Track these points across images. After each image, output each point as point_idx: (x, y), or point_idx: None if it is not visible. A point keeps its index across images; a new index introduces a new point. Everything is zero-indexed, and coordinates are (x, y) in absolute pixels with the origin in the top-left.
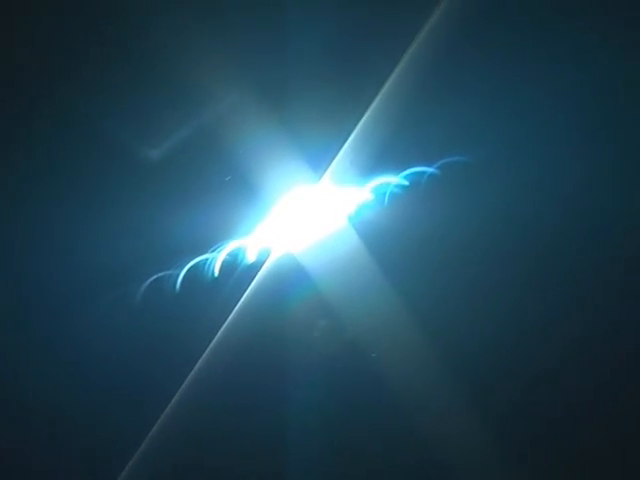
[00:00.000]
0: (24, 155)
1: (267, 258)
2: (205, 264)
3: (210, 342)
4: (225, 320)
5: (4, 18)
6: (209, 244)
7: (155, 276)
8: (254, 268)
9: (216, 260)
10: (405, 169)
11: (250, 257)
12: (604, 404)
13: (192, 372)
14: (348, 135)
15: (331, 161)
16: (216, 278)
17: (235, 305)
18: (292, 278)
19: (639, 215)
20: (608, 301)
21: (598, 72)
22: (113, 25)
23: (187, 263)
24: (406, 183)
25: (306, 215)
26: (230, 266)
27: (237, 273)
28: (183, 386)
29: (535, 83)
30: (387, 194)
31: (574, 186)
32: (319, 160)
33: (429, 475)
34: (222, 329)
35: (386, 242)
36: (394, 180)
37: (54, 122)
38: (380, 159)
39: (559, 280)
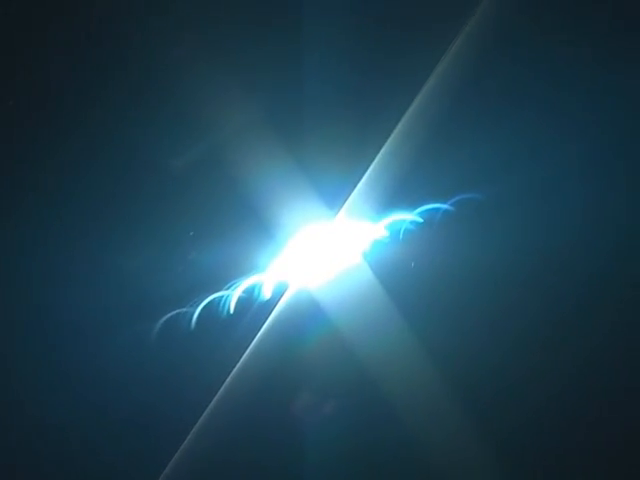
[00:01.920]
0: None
1: (282, 295)
2: (221, 301)
3: (226, 379)
4: (241, 357)
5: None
6: (225, 281)
7: (171, 313)
8: (270, 305)
9: (232, 297)
10: (419, 206)
11: (266, 294)
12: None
13: (208, 409)
14: (364, 172)
15: (347, 198)
16: (232, 315)
17: (251, 342)
18: (307, 315)
19: None
20: (617, 334)
21: (611, 112)
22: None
23: (203, 300)
24: (420, 220)
25: (321, 251)
26: (246, 303)
27: (253, 310)
28: (198, 423)
29: (547, 122)
30: (402, 231)
31: (586, 223)
32: (335, 196)
33: None
34: (238, 366)
35: (400, 278)
36: (408, 217)
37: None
38: (395, 196)
39: (572, 318)
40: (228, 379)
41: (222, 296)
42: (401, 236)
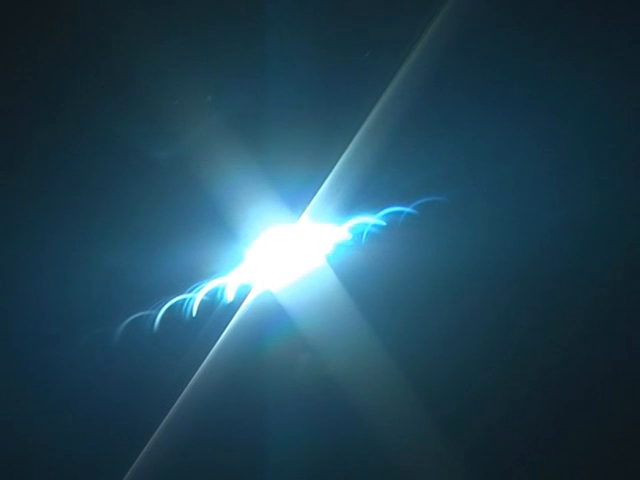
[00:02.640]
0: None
1: (245, 297)
2: (183, 304)
3: (189, 382)
4: (204, 359)
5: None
6: (187, 284)
7: (133, 316)
8: (232, 307)
9: (194, 300)
10: (382, 209)
11: (228, 296)
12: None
13: (170, 412)
14: (327, 174)
15: (310, 200)
16: (194, 318)
17: (214, 344)
18: (270, 317)
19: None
20: (587, 336)
21: (577, 110)
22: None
23: (165, 303)
24: (383, 223)
25: (284, 254)
26: (208, 306)
27: (215, 313)
28: (161, 426)
29: (509, 123)
30: (365, 233)
31: (549, 224)
32: (297, 199)
33: None
34: (201, 368)
35: (364, 281)
36: (371, 220)
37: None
38: (357, 199)
39: (536, 319)
40: (191, 382)
41: (185, 299)
42: (364, 239)
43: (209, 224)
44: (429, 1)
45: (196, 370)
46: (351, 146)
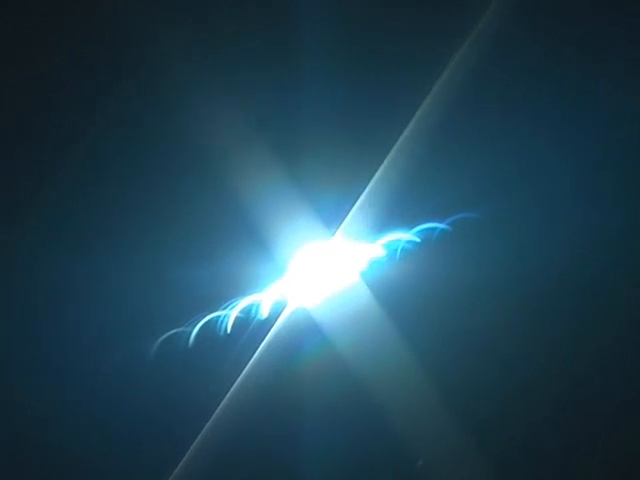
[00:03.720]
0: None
1: (280, 314)
2: (218, 321)
3: (224, 398)
4: (238, 376)
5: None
6: (222, 300)
7: (169, 333)
8: (267, 324)
9: (229, 317)
10: (417, 225)
11: (263, 313)
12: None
13: (205, 428)
14: (361, 191)
15: (344, 217)
16: (229, 335)
17: (248, 361)
18: (305, 334)
19: None
20: (614, 349)
21: (611, 130)
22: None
23: (200, 320)
24: (417, 239)
25: (319, 271)
26: (243, 322)
27: (250, 329)
28: (196, 442)
29: (544, 140)
30: (399, 250)
31: (584, 240)
32: (332, 216)
33: None
34: (235, 385)
35: (398, 297)
36: (406, 236)
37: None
38: (392, 215)
39: (570, 334)
40: (226, 398)
41: (219, 315)
42: (398, 255)
43: (244, 241)
44: (462, 19)
45: (231, 386)
46: (385, 162)
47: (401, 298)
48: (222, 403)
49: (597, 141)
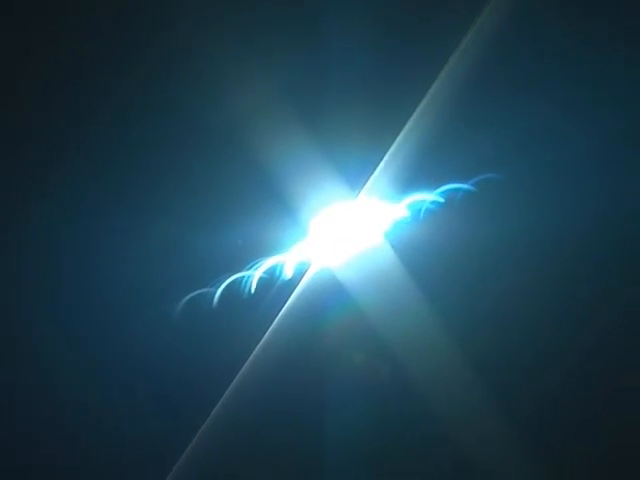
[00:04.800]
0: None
1: (304, 274)
2: (242, 281)
3: (248, 358)
4: (262, 336)
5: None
6: (246, 261)
7: (192, 294)
8: (291, 284)
9: (253, 277)
10: (440, 186)
11: (287, 274)
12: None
13: (230, 388)
14: (385, 152)
15: (368, 178)
16: (253, 295)
17: (272, 322)
18: (329, 294)
19: None
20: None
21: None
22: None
23: (224, 280)
24: (441, 200)
25: (343, 231)
26: (267, 283)
27: (274, 290)
28: (220, 402)
29: (565, 105)
30: (423, 210)
31: (603, 202)
32: (356, 177)
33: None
34: (259, 345)
35: (421, 258)
36: (430, 197)
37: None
38: (415, 176)
39: (589, 298)
40: (250, 358)
41: (244, 276)
42: (422, 216)
43: (268, 202)
44: None
45: (255, 347)
46: (409, 124)
47: (424, 258)
48: (246, 363)
49: (618, 109)
